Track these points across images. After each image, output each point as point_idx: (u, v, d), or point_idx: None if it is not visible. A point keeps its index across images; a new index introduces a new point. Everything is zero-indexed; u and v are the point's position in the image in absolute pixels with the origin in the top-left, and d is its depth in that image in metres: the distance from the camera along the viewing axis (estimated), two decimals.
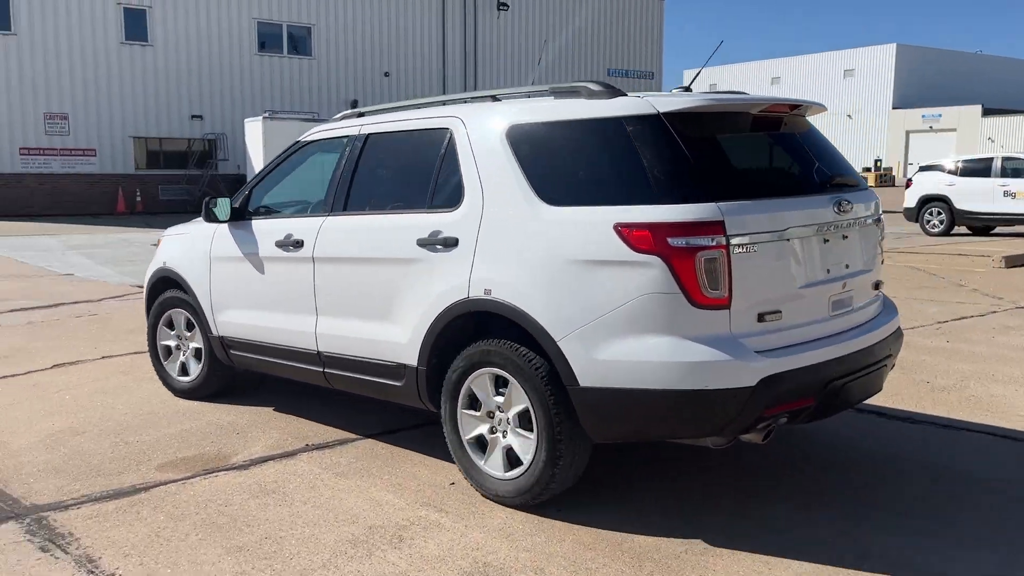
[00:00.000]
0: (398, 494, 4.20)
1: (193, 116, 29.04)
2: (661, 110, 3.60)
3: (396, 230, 4.33)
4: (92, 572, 3.42)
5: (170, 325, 6.05)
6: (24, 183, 26.34)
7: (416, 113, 4.59)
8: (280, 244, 4.95)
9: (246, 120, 24.06)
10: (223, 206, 5.35)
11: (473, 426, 4.08)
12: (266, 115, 22.80)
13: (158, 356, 6.15)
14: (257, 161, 22.30)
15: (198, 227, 5.84)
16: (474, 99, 4.43)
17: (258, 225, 5.25)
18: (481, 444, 4.08)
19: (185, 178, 28.96)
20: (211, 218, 5.46)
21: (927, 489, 4.19)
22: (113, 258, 15.45)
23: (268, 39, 30.43)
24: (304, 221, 4.94)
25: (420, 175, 4.38)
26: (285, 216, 5.30)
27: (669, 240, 3.38)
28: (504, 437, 3.97)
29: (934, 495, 4.12)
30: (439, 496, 4.18)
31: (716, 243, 3.38)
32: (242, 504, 4.10)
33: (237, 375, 5.87)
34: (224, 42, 29.38)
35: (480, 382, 3.99)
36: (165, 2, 28.14)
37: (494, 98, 4.31)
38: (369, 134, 4.75)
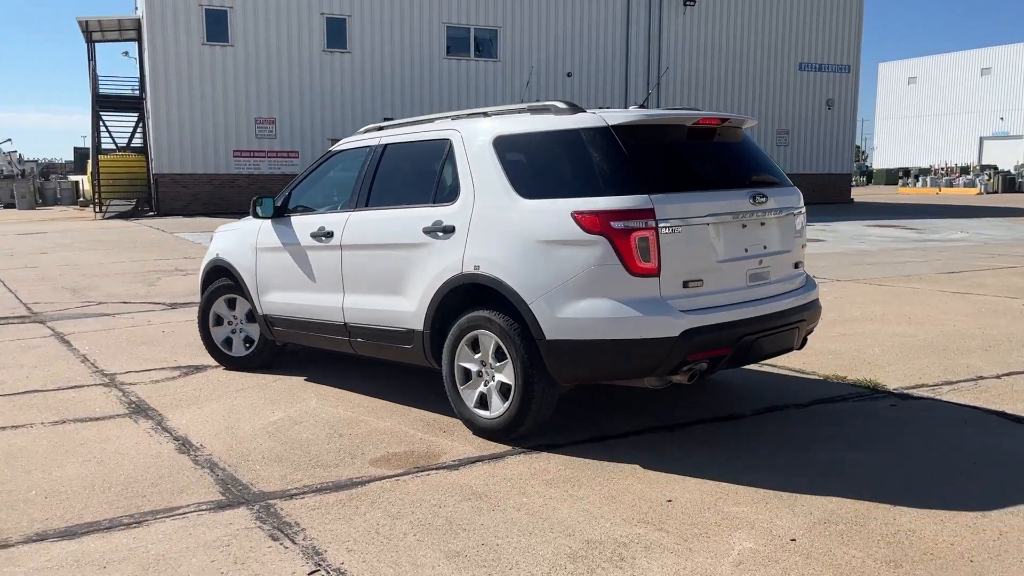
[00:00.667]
0: (612, 507, 4.02)
1: (385, 118, 30.34)
2: (610, 123, 4.57)
3: (406, 220, 5.34)
4: (320, 564, 3.47)
5: (225, 306, 6.94)
6: (236, 183, 28.58)
7: (424, 127, 5.64)
8: (314, 235, 5.94)
9: None
10: (267, 204, 6.25)
11: (467, 377, 5.07)
12: None
13: (209, 332, 6.96)
14: None
15: (246, 223, 6.77)
16: (471, 115, 5.39)
17: (296, 220, 6.20)
18: (473, 393, 5.05)
19: None
20: (257, 215, 6.37)
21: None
22: None
23: (455, 43, 31.27)
24: (334, 216, 5.91)
25: (426, 176, 5.42)
26: (318, 212, 6.17)
27: (611, 223, 4.34)
28: (488, 385, 4.96)
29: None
30: (657, 513, 3.95)
31: (647, 226, 4.34)
32: (455, 506, 4.06)
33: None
34: (415, 47, 30.51)
35: (472, 342, 4.97)
36: (363, 11, 29.61)
37: (485, 114, 5.29)
38: (386, 144, 5.80)
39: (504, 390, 4.86)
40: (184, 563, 3.50)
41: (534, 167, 4.89)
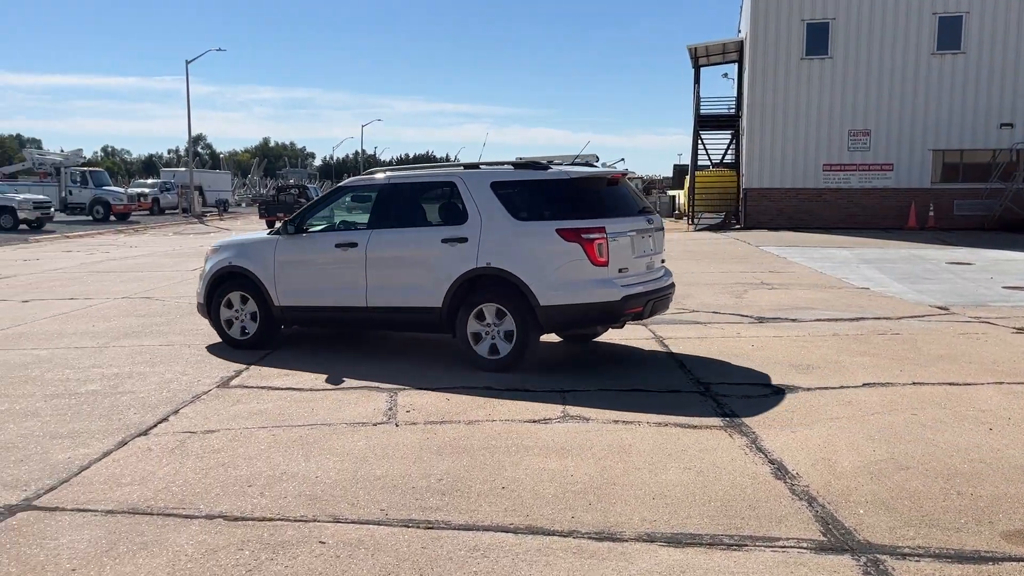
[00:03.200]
0: None
1: (1002, 125, 26.57)
2: (572, 177, 7.50)
3: (427, 234, 7.81)
4: None
5: (229, 304, 8.76)
6: (823, 197, 28.02)
7: (426, 172, 8.25)
8: (339, 245, 8.13)
9: None
10: (289, 227, 8.47)
11: (476, 334, 7.55)
12: None
13: (220, 321, 8.79)
14: None
15: (255, 237, 8.98)
16: (466, 167, 7.98)
17: (316, 236, 8.44)
18: (479, 343, 7.55)
19: (986, 192, 26.76)
20: (286, 232, 8.48)
21: None
22: (907, 274, 15.01)
23: None
24: (355, 232, 8.21)
25: (436, 206, 8.10)
26: (337, 230, 8.51)
27: (582, 235, 7.17)
28: (493, 339, 7.49)
29: None
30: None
31: (601, 237, 7.18)
32: None
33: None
34: None
35: (478, 314, 7.51)
36: (984, 7, 26.34)
37: (477, 166, 7.99)
38: (395, 183, 8.20)
39: (507, 339, 7.42)
40: None
41: (523, 201, 7.56)
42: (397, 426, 5.84)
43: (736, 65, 33.84)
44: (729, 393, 6.68)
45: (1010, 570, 3.56)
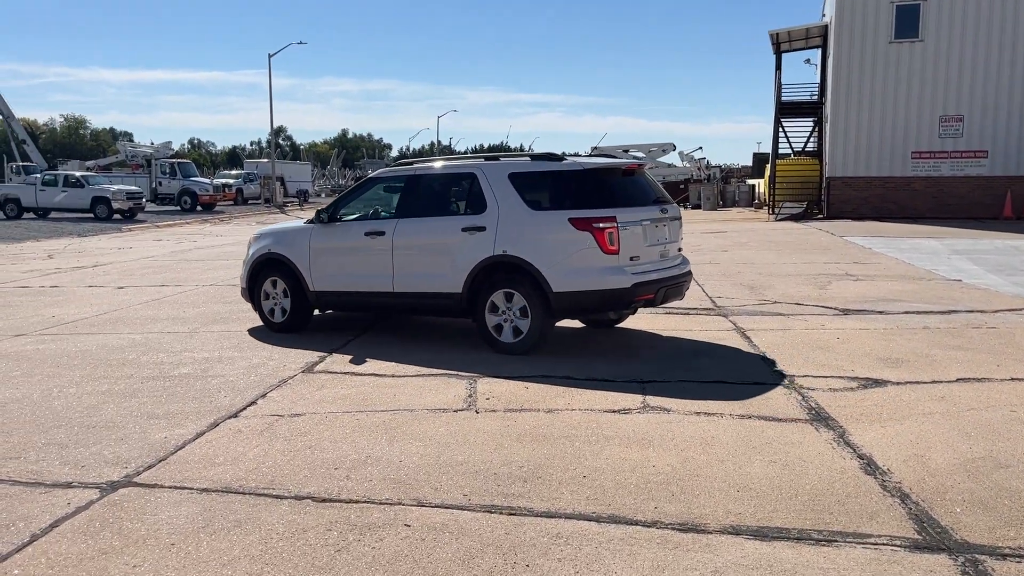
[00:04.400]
0: None
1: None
2: (586, 168, 7.75)
3: (448, 223, 8.15)
4: None
5: (272, 286, 9.20)
6: (912, 186, 27.00)
7: (449, 164, 8.64)
8: (368, 234, 8.50)
9: None
10: (323, 215, 8.88)
11: (493, 318, 7.88)
12: None
13: (261, 305, 9.28)
14: None
15: (293, 225, 9.45)
16: (487, 158, 8.39)
17: (348, 225, 8.81)
18: (497, 328, 7.88)
19: None
20: (319, 221, 8.89)
21: None
22: (1002, 266, 14.34)
23: None
24: (383, 222, 8.59)
25: (458, 196, 8.36)
26: (367, 219, 8.83)
27: (593, 224, 7.39)
28: (510, 323, 7.81)
29: None
30: None
31: (612, 226, 7.38)
32: None
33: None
34: None
35: (497, 296, 7.82)
36: None
37: (496, 157, 8.32)
38: (420, 174, 8.60)
39: (523, 324, 7.70)
40: None
41: (539, 192, 7.80)
42: (477, 413, 5.89)
43: (820, 51, 32.82)
44: (814, 386, 6.51)
45: None
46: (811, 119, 33.48)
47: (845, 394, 6.28)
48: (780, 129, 32.56)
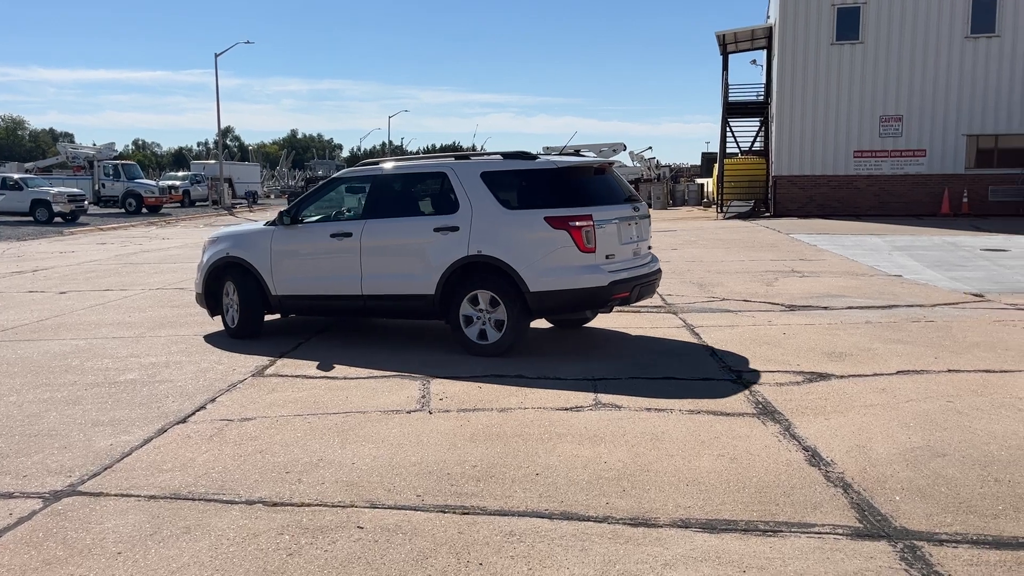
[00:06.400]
0: None
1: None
2: (559, 167, 7.70)
3: (419, 223, 8.02)
4: None
5: (227, 291, 8.89)
6: (854, 184, 27.67)
7: (418, 164, 8.51)
8: (334, 235, 8.31)
9: None
10: (285, 217, 8.65)
11: (467, 319, 7.76)
12: None
13: (221, 310, 9.05)
14: None
15: (252, 228, 9.14)
16: (457, 157, 8.20)
17: (312, 227, 8.61)
18: (471, 330, 7.75)
19: (1021, 177, 26.26)
20: (281, 223, 8.67)
21: None
22: (940, 261, 14.80)
23: None
24: (349, 223, 8.43)
25: (428, 196, 8.26)
26: (331, 220, 8.69)
27: (570, 223, 7.37)
28: (485, 324, 7.70)
29: None
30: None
31: (588, 224, 7.37)
32: None
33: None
34: None
35: (472, 299, 7.70)
36: None
37: (467, 156, 8.17)
38: (388, 174, 8.44)
39: (498, 325, 7.62)
40: None
41: (512, 191, 7.76)
42: (431, 413, 5.89)
43: (765, 52, 33.45)
44: (761, 381, 6.66)
45: None
46: (758, 119, 34.12)
47: (791, 388, 6.43)
48: (728, 129, 33.11)
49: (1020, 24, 26.00)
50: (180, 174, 53.74)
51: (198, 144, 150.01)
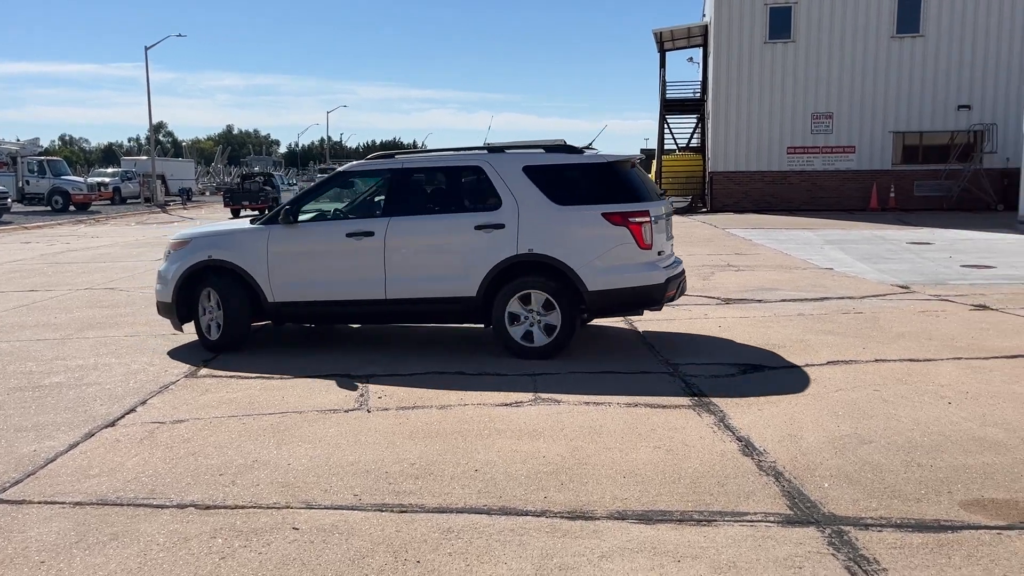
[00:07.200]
0: None
1: (960, 107, 27.04)
2: (609, 161, 7.41)
3: (456, 221, 7.47)
4: None
5: (207, 298, 7.88)
6: (788, 180, 28.34)
7: (445, 156, 7.86)
8: (351, 235, 7.57)
9: None
10: (286, 216, 7.73)
11: (513, 321, 7.33)
12: None
13: (198, 321, 8.00)
14: None
15: (234, 227, 8.28)
16: (490, 151, 7.68)
17: (321, 225, 7.96)
18: (518, 332, 7.33)
19: (944, 173, 27.25)
20: (266, 222, 7.89)
21: None
22: (869, 254, 15.26)
23: None
24: (369, 220, 7.69)
25: (461, 191, 7.74)
26: (345, 219, 8.01)
27: (629, 219, 7.17)
28: (534, 326, 7.32)
29: None
30: None
31: (647, 220, 7.20)
32: None
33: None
34: (1005, 22, 26.54)
35: (519, 298, 7.30)
36: None
37: (502, 149, 7.68)
38: (411, 168, 7.82)
39: (548, 329, 7.30)
40: None
41: (560, 185, 7.37)
42: (369, 412, 5.84)
43: (701, 49, 34.02)
44: (697, 373, 6.77)
45: (967, 538, 3.67)
46: (695, 116, 34.70)
47: (726, 380, 6.55)
48: (665, 126, 33.61)
49: (943, 24, 26.95)
50: (110, 171, 52.17)
51: (129, 140, 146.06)
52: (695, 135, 35.02)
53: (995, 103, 26.91)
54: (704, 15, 34.32)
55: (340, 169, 8.25)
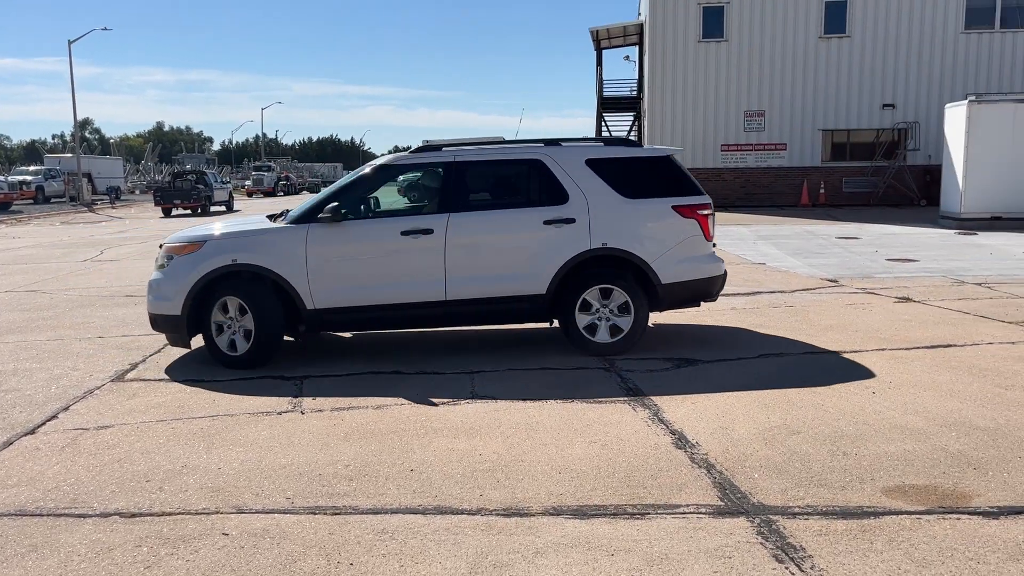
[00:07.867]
0: None
1: (884, 105, 27.92)
2: (668, 154, 7.61)
3: (524, 216, 7.30)
4: None
5: (224, 308, 7.07)
6: (722, 177, 28.87)
7: (501, 149, 7.68)
8: (406, 233, 7.10)
9: (946, 106, 21.98)
10: (321, 213, 7.07)
11: (584, 318, 7.27)
12: (971, 99, 20.40)
13: (212, 335, 7.11)
14: (957, 150, 20.15)
15: (265, 227, 7.30)
16: (546, 144, 7.52)
17: (370, 223, 7.34)
18: (590, 328, 7.28)
19: (871, 170, 28.12)
20: (295, 221, 7.16)
21: None
22: (800, 249, 15.66)
23: (976, 14, 27.37)
24: (426, 217, 7.22)
25: (521, 186, 7.58)
26: (397, 215, 7.60)
27: (698, 211, 7.36)
28: (607, 321, 7.29)
29: None
30: None
31: (711, 212, 7.48)
32: (999, 566, 3.34)
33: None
34: (927, 24, 27.48)
35: (591, 294, 7.24)
36: None
37: (557, 143, 7.54)
38: (466, 161, 7.43)
39: (613, 330, 7.31)
40: (687, 568, 3.42)
41: (625, 178, 7.38)
42: (303, 414, 5.75)
43: (637, 48, 34.42)
44: (633, 368, 6.84)
45: (889, 523, 3.79)
46: (631, 113, 35.09)
47: (661, 374, 6.64)
48: (603, 123, 33.90)
49: (868, 26, 27.76)
50: (32, 168, 50.32)
51: (53, 137, 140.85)
52: (632, 133, 35.43)
53: (917, 102, 27.84)
54: (640, 14, 34.73)
55: (382, 162, 7.64)
